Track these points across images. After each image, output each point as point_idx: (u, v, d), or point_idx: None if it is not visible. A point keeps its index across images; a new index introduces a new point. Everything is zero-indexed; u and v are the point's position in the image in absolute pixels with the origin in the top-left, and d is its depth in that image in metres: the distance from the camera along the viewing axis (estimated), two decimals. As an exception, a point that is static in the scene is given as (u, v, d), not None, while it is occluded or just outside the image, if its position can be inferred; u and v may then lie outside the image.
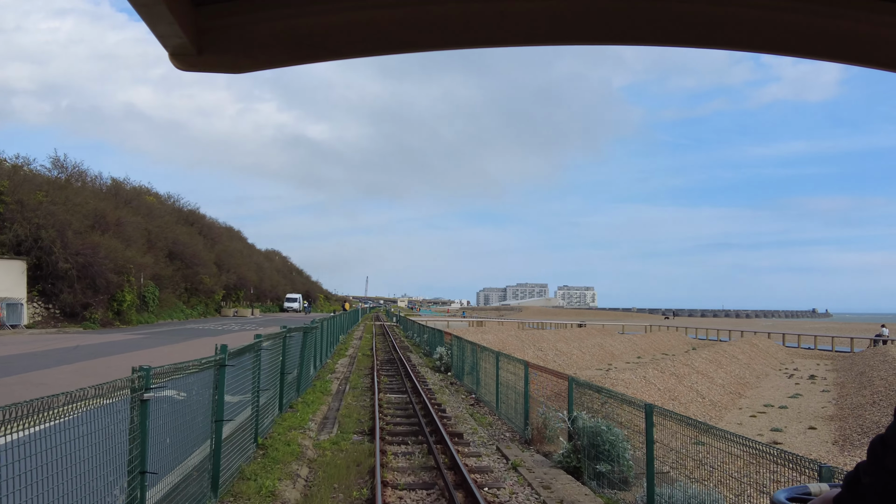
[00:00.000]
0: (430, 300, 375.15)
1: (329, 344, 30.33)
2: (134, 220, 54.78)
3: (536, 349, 37.14)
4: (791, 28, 1.50)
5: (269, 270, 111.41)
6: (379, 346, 38.14)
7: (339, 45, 1.57)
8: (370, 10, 1.53)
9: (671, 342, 58.81)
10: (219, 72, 1.61)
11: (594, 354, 41.46)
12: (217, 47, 1.57)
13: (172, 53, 1.55)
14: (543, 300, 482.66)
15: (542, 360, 34.97)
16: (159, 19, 1.40)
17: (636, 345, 50.88)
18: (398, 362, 27.25)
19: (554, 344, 41.23)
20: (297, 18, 1.55)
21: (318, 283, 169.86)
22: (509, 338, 55.15)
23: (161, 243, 61.95)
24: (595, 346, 44.07)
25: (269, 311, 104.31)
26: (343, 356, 30.13)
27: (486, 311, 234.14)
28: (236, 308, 76.35)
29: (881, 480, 1.12)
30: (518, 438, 13.93)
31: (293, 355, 14.29)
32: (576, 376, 11.74)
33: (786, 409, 24.33)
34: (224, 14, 1.56)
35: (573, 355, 38.73)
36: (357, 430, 12.90)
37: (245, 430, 9.28)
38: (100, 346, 27.27)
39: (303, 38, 1.57)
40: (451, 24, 1.54)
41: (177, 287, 64.20)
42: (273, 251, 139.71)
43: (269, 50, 1.59)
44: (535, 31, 1.53)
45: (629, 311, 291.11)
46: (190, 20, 1.50)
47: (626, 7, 1.50)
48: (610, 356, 42.89)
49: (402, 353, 31.84)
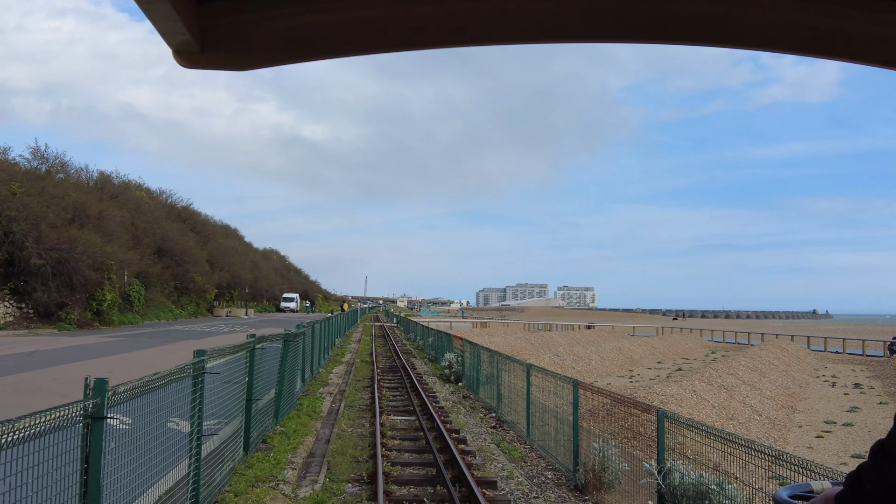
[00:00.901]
0: (429, 300, 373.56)
1: (323, 349, 27.03)
2: (118, 215, 51.34)
3: (552, 354, 33.68)
4: (791, 26, 1.49)
5: (266, 269, 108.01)
6: (379, 350, 34.77)
7: (341, 43, 1.56)
8: (373, 8, 1.53)
9: (688, 345, 55.43)
10: (222, 69, 1.60)
11: (613, 359, 37.98)
12: (220, 45, 1.56)
13: (176, 51, 1.54)
14: (543, 300, 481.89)
15: (560, 366, 31.60)
16: (163, 17, 1.39)
17: (654, 348, 47.43)
18: (401, 370, 23.87)
19: (569, 348, 37.70)
20: (299, 16, 1.54)
21: (316, 283, 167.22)
22: (518, 341, 51.71)
23: (148, 239, 58.51)
24: (612, 350, 40.56)
25: (265, 311, 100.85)
26: (339, 363, 26.74)
27: (488, 312, 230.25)
28: (229, 308, 72.96)
29: (882, 488, 1.12)
30: (565, 482, 10.56)
31: (268, 372, 10.87)
32: (666, 410, 8.30)
33: (852, 427, 21.00)
34: (227, 12, 1.55)
35: (591, 361, 35.27)
36: (353, 475, 9.49)
37: (174, 499, 5.90)
38: (61, 351, 23.85)
39: (305, 36, 1.57)
40: (453, 22, 1.53)
41: (165, 286, 60.77)
42: (271, 250, 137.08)
43: (271, 47, 1.58)
44: (535, 29, 1.53)
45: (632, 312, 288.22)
46: (193, 18, 1.49)
47: (626, 5, 1.48)
48: (629, 361, 39.47)
49: (405, 359, 28.49)
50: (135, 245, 55.93)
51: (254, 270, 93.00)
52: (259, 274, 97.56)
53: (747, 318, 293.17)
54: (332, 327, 34.62)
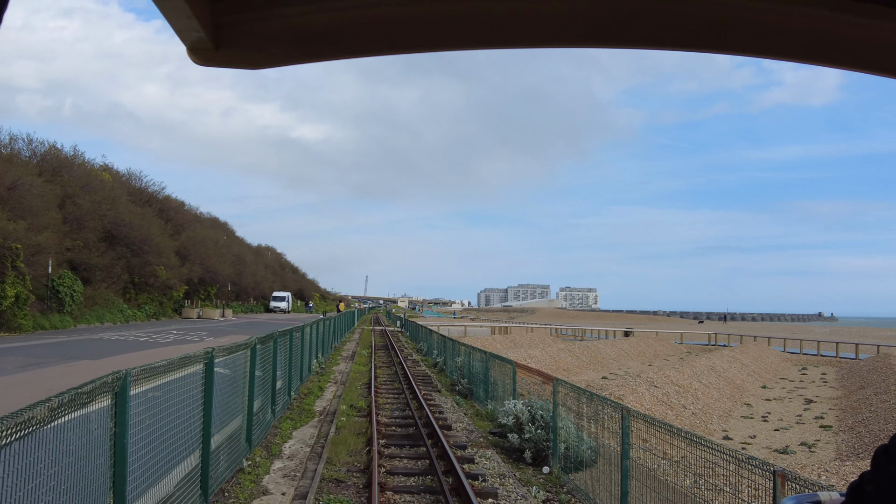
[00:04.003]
0: (430, 300, 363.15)
1: (291, 378, 15.69)
2: (43, 188, 39.64)
3: (648, 384, 22.11)
4: (791, 33, 1.48)
5: (254, 265, 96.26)
6: (380, 372, 23.30)
7: (355, 43, 1.55)
8: (388, 7, 1.50)
9: (770, 359, 43.92)
10: (235, 67, 1.58)
11: (720, 388, 26.46)
12: (234, 43, 1.55)
13: (190, 48, 1.52)
14: (546, 301, 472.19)
15: (667, 404, 20.01)
16: (178, 14, 1.38)
17: (744, 366, 35.88)
18: (424, 430, 12.42)
19: (665, 373, 26.00)
20: (314, 15, 1.53)
21: (313, 282, 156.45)
22: (561, 353, 40.21)
23: (94, 223, 46.97)
24: (706, 372, 28.97)
25: (252, 311, 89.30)
26: (310, 413, 15.22)
27: (495, 314, 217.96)
28: (203, 308, 61.31)
29: (884, 487, 1.13)
30: None
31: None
32: None
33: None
34: (241, 9, 1.53)
35: (698, 393, 23.70)
36: None
37: None
38: None
39: (319, 36, 1.55)
40: (467, 24, 1.52)
41: (117, 280, 49.36)
42: (266, 247, 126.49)
43: (285, 46, 1.56)
44: (541, 33, 1.52)
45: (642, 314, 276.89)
46: (208, 15, 1.48)
47: (630, 10, 1.48)
48: (735, 388, 28.02)
49: (425, 396, 17.11)
50: (73, 228, 44.55)
51: (237, 265, 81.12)
52: (244, 269, 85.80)
53: (752, 320, 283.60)
54: (317, 338, 23.26)
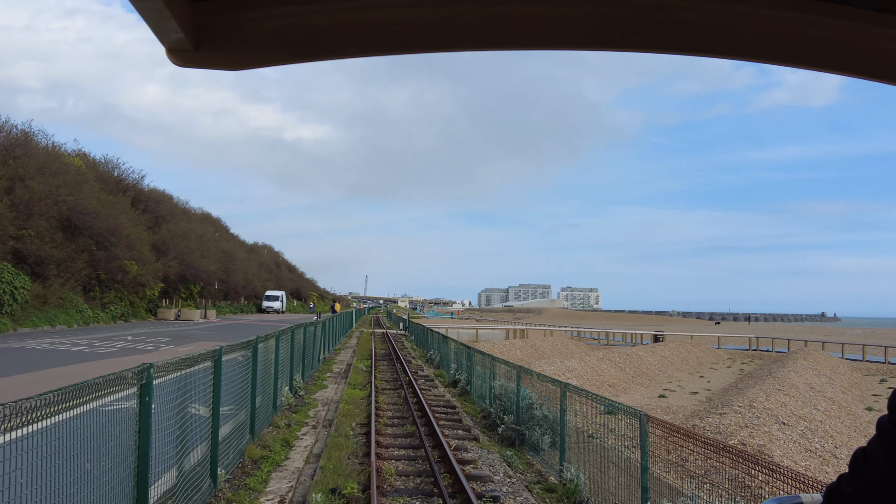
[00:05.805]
0: (430, 300, 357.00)
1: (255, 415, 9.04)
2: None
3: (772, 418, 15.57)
4: (790, 39, 1.48)
5: (246, 262, 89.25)
6: (384, 400, 16.66)
7: (338, 45, 1.53)
8: (370, 9, 1.50)
9: (842, 369, 37.33)
10: (216, 68, 1.56)
11: (840, 419, 19.93)
12: (214, 44, 1.53)
13: (169, 49, 1.50)
14: (547, 301, 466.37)
15: (816, 453, 13.37)
16: (156, 14, 1.37)
17: (831, 380, 29.34)
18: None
19: (777, 398, 19.39)
20: (296, 16, 1.51)
21: (311, 281, 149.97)
22: (603, 365, 33.51)
23: (50, 211, 40.30)
24: (807, 392, 22.46)
25: (242, 311, 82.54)
26: (280, 463, 8.46)
27: (498, 314, 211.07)
28: (181, 308, 54.55)
29: (862, 489, 1.12)
30: None
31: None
32: None
33: None
34: (222, 10, 1.51)
35: (827, 428, 17.15)
36: None
37: None
38: None
39: (301, 37, 1.53)
40: (453, 26, 1.50)
41: (77, 275, 42.66)
42: (262, 245, 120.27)
43: (267, 47, 1.55)
44: (539, 35, 1.50)
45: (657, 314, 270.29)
46: (187, 16, 1.46)
47: (632, 14, 1.46)
48: (850, 415, 21.50)
49: (455, 451, 10.48)
50: (20, 215, 37.97)
51: (225, 262, 74.31)
52: (233, 266, 78.94)
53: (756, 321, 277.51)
54: (288, 356, 16.60)
